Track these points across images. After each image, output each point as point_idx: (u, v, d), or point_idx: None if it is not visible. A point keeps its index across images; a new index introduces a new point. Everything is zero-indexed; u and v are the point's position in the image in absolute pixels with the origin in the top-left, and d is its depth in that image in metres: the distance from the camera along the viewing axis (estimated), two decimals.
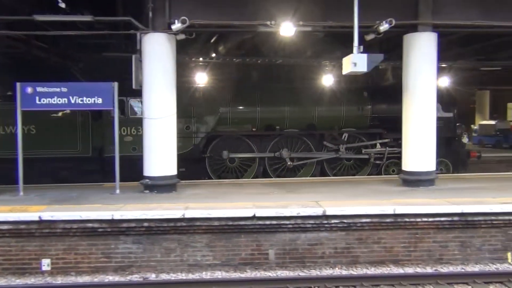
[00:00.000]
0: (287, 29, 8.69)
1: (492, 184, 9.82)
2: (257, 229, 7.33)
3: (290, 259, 7.42)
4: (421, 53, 9.15)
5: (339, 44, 11.88)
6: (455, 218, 7.49)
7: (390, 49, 12.41)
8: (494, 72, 17.41)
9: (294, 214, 7.28)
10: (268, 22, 8.71)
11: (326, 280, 6.71)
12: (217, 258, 7.37)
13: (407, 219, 7.47)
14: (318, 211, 7.30)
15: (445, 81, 14.36)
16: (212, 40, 12.71)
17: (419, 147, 9.35)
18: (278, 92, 13.19)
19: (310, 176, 12.87)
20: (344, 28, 8.85)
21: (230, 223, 7.25)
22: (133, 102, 12.06)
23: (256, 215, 7.23)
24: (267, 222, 7.28)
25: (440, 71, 14.35)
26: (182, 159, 11.14)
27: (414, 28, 9.16)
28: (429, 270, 7.33)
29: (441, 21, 9.06)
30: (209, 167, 12.72)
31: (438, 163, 12.68)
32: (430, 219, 7.48)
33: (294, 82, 14.02)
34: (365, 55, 7.93)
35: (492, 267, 7.46)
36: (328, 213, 7.30)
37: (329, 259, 7.47)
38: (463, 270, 7.28)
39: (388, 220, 7.45)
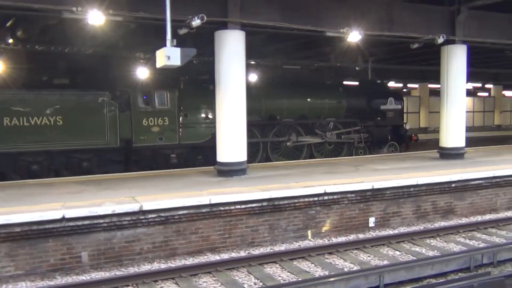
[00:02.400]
0: (95, 17, 8.17)
1: (296, 170, 10.91)
2: (68, 231, 6.79)
3: (106, 259, 7.08)
4: (231, 49, 9.61)
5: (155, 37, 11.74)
6: (264, 204, 8.12)
7: (207, 44, 12.75)
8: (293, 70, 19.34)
9: (109, 212, 6.95)
10: (74, 8, 8.06)
11: (144, 276, 6.59)
12: (20, 267, 6.60)
13: (222, 208, 7.81)
14: (134, 207, 7.11)
15: (254, 77, 15.40)
16: (8, 24, 11.24)
17: (232, 139, 9.83)
18: None
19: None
20: (157, 21, 8.76)
21: (35, 227, 6.56)
22: (159, 94, 12.46)
23: (66, 216, 6.69)
24: (79, 223, 6.81)
25: (249, 67, 15.38)
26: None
27: (224, 26, 9.56)
28: (242, 254, 7.81)
29: (248, 20, 9.63)
30: None
31: (390, 145, 16.94)
32: (243, 206, 7.97)
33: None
34: (178, 49, 7.97)
35: (296, 245, 8.31)
36: (145, 208, 7.17)
37: (147, 254, 7.36)
38: (272, 250, 7.94)
39: (204, 210, 7.68)
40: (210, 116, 13.10)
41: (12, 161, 10.98)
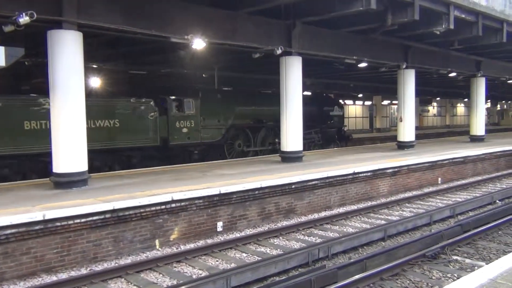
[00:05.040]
0: None
1: (142, 179, 10.55)
2: None
3: None
4: (66, 51, 8.84)
5: None
6: (107, 215, 7.66)
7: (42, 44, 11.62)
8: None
9: None
10: None
11: None
12: None
13: (58, 223, 7.14)
14: None
15: (97, 82, 14.62)
16: None
17: (71, 148, 9.05)
18: None
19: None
20: None
21: None
22: (187, 101, 15.24)
23: None
24: None
25: (91, 71, 14.53)
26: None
27: (59, 25, 8.77)
28: (84, 271, 7.24)
29: (86, 21, 8.99)
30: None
31: (335, 143, 21.93)
32: (83, 220, 7.40)
33: None
34: (2, 48, 7.09)
35: (143, 256, 7.99)
36: None
37: None
38: (116, 265, 7.52)
39: (37, 227, 6.94)
40: (220, 120, 16.44)
41: None
